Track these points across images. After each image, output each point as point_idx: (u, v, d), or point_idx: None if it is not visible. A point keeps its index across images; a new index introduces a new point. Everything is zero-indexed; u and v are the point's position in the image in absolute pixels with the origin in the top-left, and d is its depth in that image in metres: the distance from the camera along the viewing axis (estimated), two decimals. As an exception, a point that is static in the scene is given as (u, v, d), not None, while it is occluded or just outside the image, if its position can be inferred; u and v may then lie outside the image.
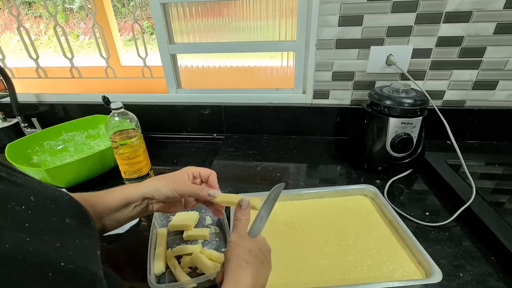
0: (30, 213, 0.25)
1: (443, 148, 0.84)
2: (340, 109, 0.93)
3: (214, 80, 1.02)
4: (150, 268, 0.49)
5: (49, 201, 0.28)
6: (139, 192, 0.44)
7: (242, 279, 0.35)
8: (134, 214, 0.45)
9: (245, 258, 0.37)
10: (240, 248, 0.38)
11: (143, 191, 0.44)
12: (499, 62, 0.82)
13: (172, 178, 0.45)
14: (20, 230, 0.23)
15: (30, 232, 0.23)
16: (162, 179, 0.45)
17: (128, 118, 0.68)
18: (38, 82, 1.11)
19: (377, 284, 0.43)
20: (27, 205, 0.25)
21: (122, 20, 1.81)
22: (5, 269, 0.19)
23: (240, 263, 0.36)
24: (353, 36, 0.83)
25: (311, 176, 0.79)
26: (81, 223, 0.30)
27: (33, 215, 0.25)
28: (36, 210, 0.26)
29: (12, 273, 0.20)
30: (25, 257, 0.21)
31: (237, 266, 0.36)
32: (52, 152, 0.90)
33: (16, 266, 0.20)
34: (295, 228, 0.57)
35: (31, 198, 0.26)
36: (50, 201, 0.28)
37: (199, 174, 0.49)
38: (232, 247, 0.38)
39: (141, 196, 0.44)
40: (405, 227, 0.53)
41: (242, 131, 1.01)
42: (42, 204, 0.27)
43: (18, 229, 0.23)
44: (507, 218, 0.55)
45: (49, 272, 0.21)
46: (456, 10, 0.76)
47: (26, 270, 0.20)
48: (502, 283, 0.47)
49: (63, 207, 0.29)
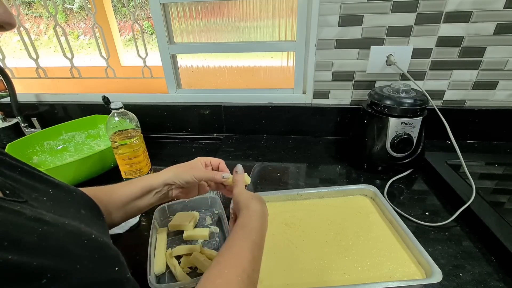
0: (52, 203, 0.29)
1: (443, 148, 0.84)
2: (340, 109, 0.93)
3: (214, 80, 1.02)
4: (150, 268, 0.49)
5: (65, 194, 0.32)
6: (160, 179, 0.48)
7: (252, 205, 0.42)
8: (154, 200, 0.50)
9: (251, 196, 0.45)
10: (245, 193, 0.46)
11: (164, 178, 0.48)
12: (499, 62, 0.82)
13: (189, 165, 0.51)
14: (50, 212, 0.26)
15: (58, 215, 0.27)
16: (180, 167, 0.50)
17: (128, 118, 0.68)
18: (38, 82, 1.11)
19: (377, 284, 0.43)
20: (48, 196, 0.29)
21: (122, 20, 1.81)
22: (50, 229, 0.23)
23: (248, 200, 0.43)
24: (353, 36, 0.83)
25: (311, 176, 0.79)
26: (94, 215, 0.34)
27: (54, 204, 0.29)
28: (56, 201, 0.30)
29: (56, 234, 0.23)
30: (64, 226, 0.25)
31: (246, 203, 0.43)
32: (52, 152, 0.90)
33: (58, 230, 0.24)
34: (295, 228, 0.57)
35: (49, 190, 0.30)
36: (66, 194, 0.32)
37: (210, 163, 0.53)
38: (238, 194, 0.45)
39: (162, 183, 0.48)
40: (405, 227, 0.53)
41: (242, 131, 1.01)
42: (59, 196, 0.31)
43: (48, 212, 0.26)
44: (507, 218, 0.55)
45: (84, 239, 0.25)
46: (456, 10, 0.76)
47: (66, 235, 0.24)
48: (502, 283, 0.47)
49: (77, 199, 0.33)
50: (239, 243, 0.37)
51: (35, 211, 0.24)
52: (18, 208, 0.23)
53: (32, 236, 0.21)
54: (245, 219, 0.40)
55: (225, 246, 0.37)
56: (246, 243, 0.37)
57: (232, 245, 0.37)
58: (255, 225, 0.40)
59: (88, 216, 0.32)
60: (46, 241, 0.22)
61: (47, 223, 0.23)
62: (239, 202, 0.44)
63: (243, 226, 0.39)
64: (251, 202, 0.43)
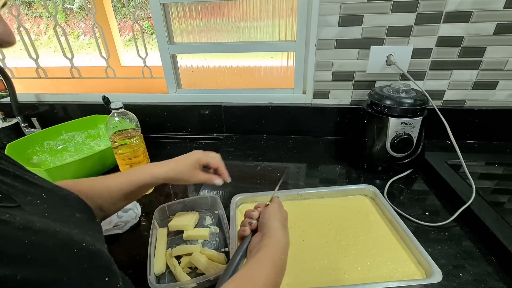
0: (46, 207, 0.28)
1: (443, 148, 0.84)
2: (340, 109, 0.93)
3: (214, 80, 1.02)
4: (150, 268, 0.49)
5: (58, 198, 0.31)
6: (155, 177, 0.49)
7: (279, 235, 0.39)
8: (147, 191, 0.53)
9: (283, 222, 0.42)
10: (281, 213, 0.43)
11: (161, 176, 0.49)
12: (499, 62, 0.81)
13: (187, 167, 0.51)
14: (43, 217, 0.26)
15: (52, 219, 0.26)
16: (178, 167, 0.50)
17: (128, 118, 0.68)
18: (38, 82, 1.11)
19: (377, 284, 0.43)
20: (42, 200, 0.28)
21: (122, 20, 1.81)
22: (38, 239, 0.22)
23: (281, 225, 0.40)
24: (353, 36, 0.83)
25: (311, 176, 0.79)
26: (89, 218, 0.33)
27: (49, 208, 0.28)
28: (50, 204, 0.29)
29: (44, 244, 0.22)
30: (54, 234, 0.24)
31: (278, 226, 0.40)
32: (52, 152, 0.90)
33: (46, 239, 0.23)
34: (295, 228, 0.57)
35: (43, 195, 0.29)
36: (59, 198, 0.31)
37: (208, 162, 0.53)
38: (269, 215, 0.42)
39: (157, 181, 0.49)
40: (405, 227, 0.53)
41: (242, 131, 1.01)
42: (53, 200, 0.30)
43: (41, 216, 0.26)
44: (507, 218, 0.55)
45: (74, 249, 0.24)
46: (456, 10, 0.76)
47: (55, 245, 0.23)
48: (502, 283, 0.47)
49: (71, 203, 0.33)
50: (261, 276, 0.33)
51: (26, 218, 0.23)
52: (7, 216, 0.22)
53: (18, 247, 0.21)
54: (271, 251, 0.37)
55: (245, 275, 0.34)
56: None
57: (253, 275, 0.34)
58: (280, 263, 0.36)
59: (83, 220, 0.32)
60: (32, 253, 0.21)
61: (36, 232, 0.23)
62: (269, 226, 0.40)
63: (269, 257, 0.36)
64: (279, 232, 0.39)
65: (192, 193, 0.76)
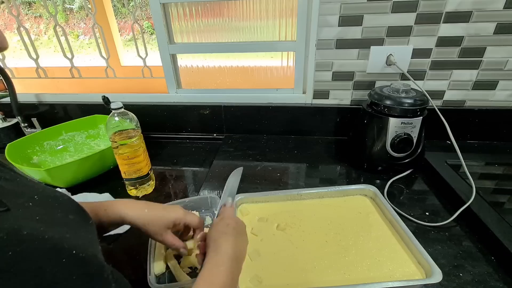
0: (38, 209, 0.27)
1: (443, 148, 0.84)
2: (340, 109, 0.93)
3: (214, 80, 1.02)
4: (150, 268, 0.49)
5: (51, 200, 0.30)
6: (131, 219, 0.46)
7: (223, 247, 0.40)
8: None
9: (224, 230, 0.43)
10: (219, 224, 0.45)
11: (136, 222, 0.46)
12: (499, 62, 0.82)
13: (151, 224, 0.47)
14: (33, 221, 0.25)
15: (43, 222, 0.25)
16: (155, 222, 0.47)
17: (128, 118, 0.68)
18: (38, 82, 1.11)
19: (377, 284, 0.43)
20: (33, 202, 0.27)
21: (122, 20, 1.81)
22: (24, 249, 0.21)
23: (220, 235, 0.42)
24: (353, 36, 0.83)
25: (311, 176, 0.79)
26: (82, 220, 0.32)
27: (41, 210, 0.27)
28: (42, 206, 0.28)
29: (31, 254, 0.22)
30: (43, 241, 0.23)
31: (217, 237, 0.42)
32: (52, 152, 0.90)
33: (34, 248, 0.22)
34: (295, 228, 0.57)
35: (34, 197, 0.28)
36: (52, 200, 0.30)
37: (188, 224, 0.51)
38: (213, 225, 0.46)
39: (132, 224, 0.47)
40: (405, 227, 0.53)
41: (242, 131, 1.01)
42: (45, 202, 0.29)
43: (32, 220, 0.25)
44: (507, 218, 0.55)
45: (63, 258, 0.24)
46: (456, 10, 0.76)
47: (43, 254, 0.22)
48: (502, 283, 0.47)
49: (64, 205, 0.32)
50: None
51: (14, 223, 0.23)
52: None
53: (3, 259, 0.20)
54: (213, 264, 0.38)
55: None
56: None
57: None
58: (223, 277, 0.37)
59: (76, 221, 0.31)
60: (17, 264, 0.20)
61: (23, 241, 0.22)
62: (211, 235, 0.43)
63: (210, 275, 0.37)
64: (224, 240, 0.41)
65: (192, 193, 0.76)
